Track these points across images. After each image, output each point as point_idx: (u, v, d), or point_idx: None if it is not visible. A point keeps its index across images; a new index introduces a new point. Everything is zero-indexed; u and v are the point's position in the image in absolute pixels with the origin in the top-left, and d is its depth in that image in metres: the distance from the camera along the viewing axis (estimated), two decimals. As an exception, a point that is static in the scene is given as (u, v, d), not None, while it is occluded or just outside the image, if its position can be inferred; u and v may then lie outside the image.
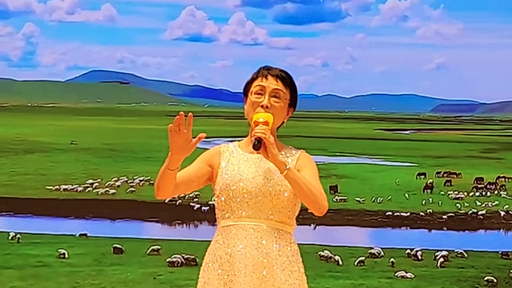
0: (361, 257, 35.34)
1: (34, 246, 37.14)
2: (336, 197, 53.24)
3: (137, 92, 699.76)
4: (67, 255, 34.15)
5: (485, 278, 31.45)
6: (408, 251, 37.45)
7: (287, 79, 4.46)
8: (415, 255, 36.68)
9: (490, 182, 61.40)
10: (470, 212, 51.27)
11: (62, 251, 34.49)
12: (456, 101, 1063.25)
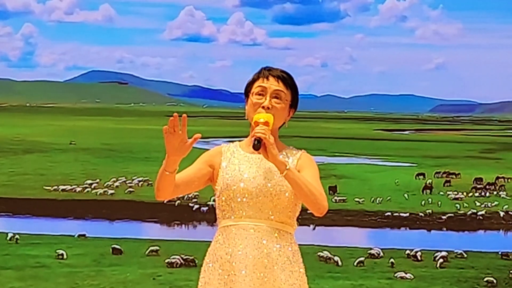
0: (360, 257, 35.30)
1: (33, 247, 37.08)
2: (335, 197, 53.18)
3: (136, 92, 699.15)
4: (65, 256, 34.09)
5: (485, 279, 31.42)
6: (408, 251, 37.40)
7: (288, 80, 4.46)
8: (415, 256, 36.63)
9: (490, 183, 61.34)
10: (469, 212, 51.22)
11: (60, 251, 34.45)
12: (455, 101, 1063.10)
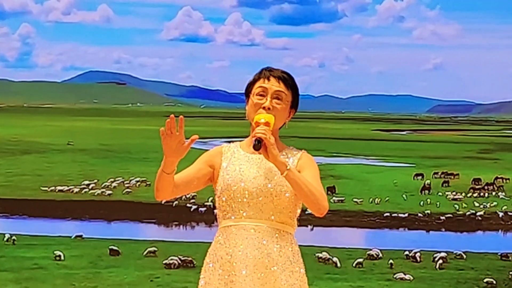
0: (359, 258, 35.10)
1: (29, 248, 36.83)
2: (334, 198, 52.97)
3: (133, 92, 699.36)
4: (63, 257, 33.87)
5: (485, 280, 31.27)
6: (407, 252, 37.21)
7: (289, 80, 4.48)
8: (414, 257, 36.44)
9: (488, 183, 61.18)
10: (468, 213, 51.05)
11: (58, 253, 34.22)
12: (453, 102, 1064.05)
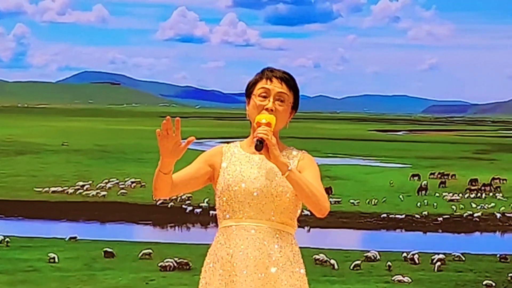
0: (357, 260, 34.82)
1: (23, 250, 36.48)
2: (330, 199, 52.60)
3: (128, 93, 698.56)
4: (57, 259, 33.53)
5: (484, 282, 31.02)
6: (405, 254, 36.89)
7: (291, 81, 4.47)
8: (412, 259, 36.14)
9: (485, 184, 60.93)
10: (465, 214, 50.78)
11: (52, 255, 33.88)
12: (448, 102, 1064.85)
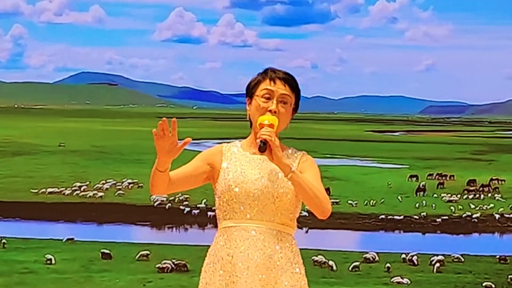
0: (355, 262, 34.65)
1: (20, 252, 36.26)
2: (328, 200, 52.43)
3: (125, 93, 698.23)
4: (54, 261, 33.31)
5: (484, 284, 30.84)
6: (404, 255, 36.71)
7: (294, 83, 4.46)
8: (411, 260, 35.99)
9: (484, 185, 60.77)
10: (464, 215, 50.61)
11: (49, 256, 33.68)
12: (445, 103, 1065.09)
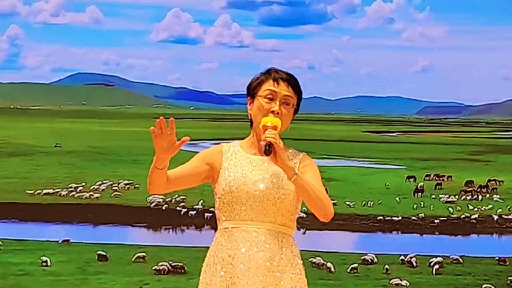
0: (354, 264, 34.39)
1: (15, 254, 35.94)
2: (326, 201, 52.19)
3: (122, 94, 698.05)
4: (49, 263, 33.03)
5: (483, 286, 30.63)
6: (402, 257, 36.47)
7: (297, 84, 4.45)
8: (410, 262, 35.74)
9: (482, 185, 60.56)
10: (462, 216, 50.38)
11: (44, 258, 33.40)
12: (442, 103, 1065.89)
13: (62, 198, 53.43)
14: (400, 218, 49.62)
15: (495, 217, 50.63)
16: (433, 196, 56.76)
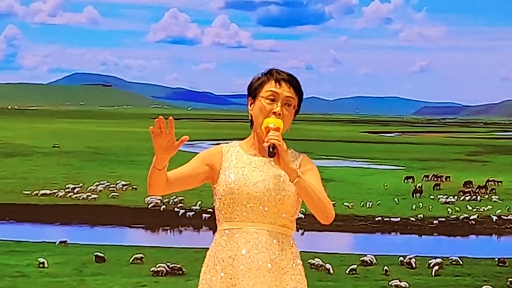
0: (352, 265, 34.25)
1: (12, 255, 35.76)
2: (324, 201, 52.02)
3: (119, 94, 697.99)
4: (46, 264, 32.86)
5: (483, 287, 30.46)
6: (401, 258, 36.33)
7: (298, 85, 4.43)
8: (409, 263, 35.60)
9: (480, 186, 60.46)
10: (461, 217, 50.26)
11: (41, 260, 33.24)
12: (440, 104, 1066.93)
13: (60, 199, 53.29)
14: (398, 219, 49.52)
15: (494, 217, 50.53)
16: (431, 197, 56.66)
